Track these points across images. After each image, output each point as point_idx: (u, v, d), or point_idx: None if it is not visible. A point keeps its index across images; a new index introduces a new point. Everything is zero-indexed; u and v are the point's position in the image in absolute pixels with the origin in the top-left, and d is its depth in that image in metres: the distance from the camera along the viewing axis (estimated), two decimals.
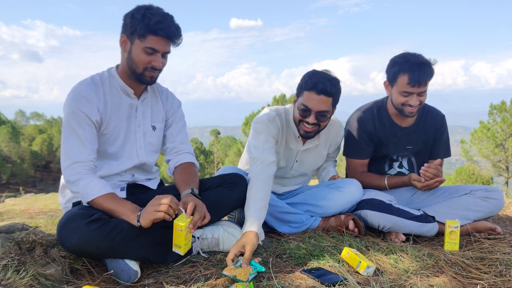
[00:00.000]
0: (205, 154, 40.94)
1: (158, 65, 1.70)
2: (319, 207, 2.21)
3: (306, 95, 1.98)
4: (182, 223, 1.51)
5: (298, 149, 2.27)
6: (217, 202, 1.84)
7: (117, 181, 1.82)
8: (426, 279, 1.50)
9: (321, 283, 1.45)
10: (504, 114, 22.16)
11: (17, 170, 38.75)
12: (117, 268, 1.55)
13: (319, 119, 2.00)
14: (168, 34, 1.66)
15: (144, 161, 1.88)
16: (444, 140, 2.45)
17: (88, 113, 1.67)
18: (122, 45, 1.73)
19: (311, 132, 2.06)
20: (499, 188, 2.49)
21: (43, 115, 51.77)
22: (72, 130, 1.66)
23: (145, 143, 1.88)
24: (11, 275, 1.38)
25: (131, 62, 1.71)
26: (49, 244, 1.68)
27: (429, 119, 2.41)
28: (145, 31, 1.63)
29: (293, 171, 2.36)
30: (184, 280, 1.52)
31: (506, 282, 1.48)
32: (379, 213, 2.09)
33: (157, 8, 1.67)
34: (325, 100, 1.95)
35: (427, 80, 2.13)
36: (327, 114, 2.00)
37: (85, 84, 1.72)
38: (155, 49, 1.66)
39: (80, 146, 1.65)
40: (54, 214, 3.63)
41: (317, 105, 1.96)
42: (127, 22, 1.67)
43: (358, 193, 2.22)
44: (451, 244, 1.95)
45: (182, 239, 1.52)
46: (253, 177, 1.88)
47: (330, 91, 1.94)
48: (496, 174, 23.02)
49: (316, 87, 1.93)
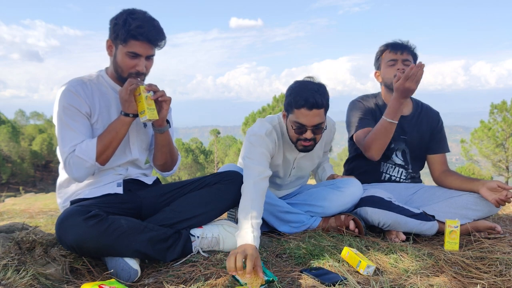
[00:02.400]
0: (205, 153, 40.96)
1: (141, 69, 1.73)
2: (319, 207, 2.21)
3: (297, 113, 1.91)
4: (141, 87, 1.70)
5: (295, 157, 2.25)
6: (216, 199, 1.86)
7: (112, 175, 1.84)
8: (426, 278, 1.50)
9: (321, 282, 1.45)
10: (505, 113, 22.16)
11: (17, 169, 38.75)
12: (117, 267, 1.55)
13: (316, 132, 1.96)
14: (148, 38, 1.69)
15: (137, 158, 1.92)
16: (443, 135, 2.51)
17: (77, 106, 1.71)
18: (108, 49, 1.79)
19: (309, 146, 2.01)
20: None
21: (43, 114, 51.77)
22: (65, 125, 1.70)
23: (137, 139, 1.92)
24: (11, 275, 1.38)
25: (117, 66, 1.77)
26: (49, 243, 1.68)
27: (424, 113, 2.49)
28: (126, 36, 1.67)
29: (291, 177, 2.36)
30: (184, 280, 1.52)
31: (506, 282, 1.48)
32: (379, 209, 2.09)
33: (140, 12, 1.71)
34: (318, 113, 1.90)
35: (408, 51, 2.34)
36: (322, 125, 1.96)
37: (73, 81, 1.76)
38: (137, 53, 1.71)
39: (75, 137, 1.69)
40: (54, 213, 3.64)
41: (311, 120, 1.90)
42: (111, 28, 1.73)
43: (358, 193, 2.21)
44: (451, 243, 1.95)
45: (143, 104, 1.68)
46: (247, 192, 1.78)
47: (322, 103, 1.88)
48: (496, 174, 23.02)
49: (307, 103, 1.86)
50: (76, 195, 1.80)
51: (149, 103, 1.70)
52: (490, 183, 2.11)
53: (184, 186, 1.91)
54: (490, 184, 2.10)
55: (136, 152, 1.91)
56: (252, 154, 1.95)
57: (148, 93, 1.71)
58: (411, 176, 2.49)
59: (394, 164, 2.46)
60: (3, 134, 38.69)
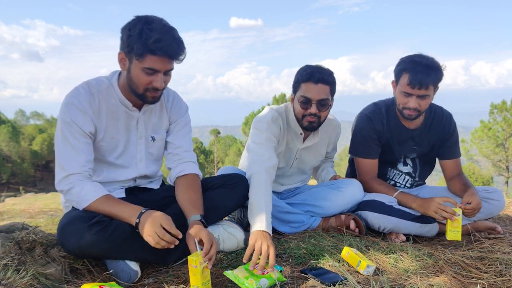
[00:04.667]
0: (205, 153, 40.94)
1: (159, 86, 1.57)
2: (319, 207, 2.21)
3: (304, 87, 2.01)
4: (196, 257, 1.37)
5: (298, 147, 2.27)
6: (218, 202, 1.83)
7: (118, 186, 1.80)
8: (426, 278, 1.50)
9: (321, 282, 1.45)
10: (505, 113, 22.16)
11: (17, 169, 38.77)
12: (117, 268, 1.54)
13: (320, 108, 2.02)
14: (168, 53, 1.51)
15: (144, 173, 1.84)
16: (454, 140, 2.36)
17: (81, 125, 1.59)
18: (121, 62, 1.61)
19: (314, 123, 2.06)
20: (499, 188, 2.48)
21: (43, 114, 51.80)
22: (66, 140, 1.59)
23: (146, 154, 1.82)
24: (11, 275, 1.38)
25: (131, 82, 1.60)
26: (49, 243, 1.68)
27: (436, 121, 2.31)
28: (143, 51, 1.49)
29: (293, 169, 2.37)
30: (184, 280, 1.52)
31: (506, 282, 1.48)
32: (379, 214, 2.09)
33: (157, 20, 1.52)
34: (324, 88, 1.99)
35: (429, 84, 2.03)
36: (327, 102, 2.03)
37: (80, 93, 1.62)
38: (155, 69, 1.53)
39: (75, 156, 1.58)
40: (54, 213, 3.64)
41: (317, 94, 1.99)
42: (124, 39, 1.54)
43: (358, 194, 2.21)
44: (454, 232, 1.92)
45: (198, 278, 1.36)
46: (260, 179, 1.83)
47: (327, 79, 1.99)
48: (496, 174, 23.03)
49: (313, 77, 1.98)
50: None
51: (205, 275, 1.38)
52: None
53: None
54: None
55: (143, 168, 1.82)
56: (260, 139, 2.02)
57: (205, 263, 1.39)
58: (416, 184, 2.48)
59: (401, 172, 2.43)
60: (3, 134, 38.70)
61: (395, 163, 2.41)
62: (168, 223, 1.46)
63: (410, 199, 2.15)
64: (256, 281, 1.39)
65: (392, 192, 2.22)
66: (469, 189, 2.12)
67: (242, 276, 1.41)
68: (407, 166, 2.42)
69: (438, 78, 2.07)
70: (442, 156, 2.38)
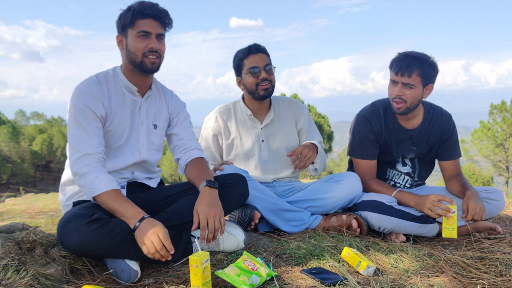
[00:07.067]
0: None
1: (154, 46, 1.72)
2: (320, 200, 2.23)
3: (247, 61, 2.32)
4: (197, 257, 1.38)
5: (258, 128, 2.43)
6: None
7: (117, 179, 1.82)
8: (426, 279, 1.50)
9: (321, 283, 1.45)
10: (505, 114, 22.15)
11: (17, 170, 38.75)
12: (117, 268, 1.55)
13: (268, 72, 2.31)
14: (155, 14, 1.71)
15: (146, 159, 1.89)
16: (454, 141, 2.36)
17: (94, 108, 1.70)
18: (119, 44, 1.80)
19: (268, 88, 2.32)
20: (499, 188, 2.48)
21: (43, 115, 51.78)
22: (79, 125, 1.67)
23: (147, 140, 1.89)
24: (11, 275, 1.38)
25: (130, 54, 1.75)
26: (49, 244, 1.68)
27: (435, 121, 2.32)
28: (133, 17, 1.69)
29: (266, 152, 2.44)
30: (184, 280, 1.52)
31: (506, 282, 1.48)
32: (379, 215, 2.09)
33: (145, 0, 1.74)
34: (263, 56, 2.32)
35: (412, 71, 2.05)
36: (271, 66, 2.33)
37: (90, 81, 1.75)
38: (147, 31, 1.70)
39: (88, 139, 1.66)
40: (54, 214, 3.63)
41: (261, 61, 2.30)
42: (118, 22, 1.77)
43: (357, 185, 2.24)
44: (449, 230, 1.93)
45: (199, 278, 1.37)
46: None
47: (262, 48, 2.34)
48: (496, 174, 23.02)
49: (251, 50, 2.32)
50: (79, 196, 1.80)
51: (205, 276, 1.39)
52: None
53: (187, 189, 1.88)
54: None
55: (145, 153, 1.88)
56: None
57: (206, 263, 1.40)
58: (416, 184, 2.48)
59: (401, 172, 2.44)
60: (3, 134, 38.69)
61: (394, 163, 2.42)
62: (165, 236, 1.49)
63: (408, 197, 2.17)
64: (248, 277, 1.40)
65: (391, 192, 2.23)
66: (466, 192, 2.12)
67: (234, 274, 1.42)
68: (406, 167, 2.42)
69: (425, 70, 2.09)
70: (442, 157, 2.38)
